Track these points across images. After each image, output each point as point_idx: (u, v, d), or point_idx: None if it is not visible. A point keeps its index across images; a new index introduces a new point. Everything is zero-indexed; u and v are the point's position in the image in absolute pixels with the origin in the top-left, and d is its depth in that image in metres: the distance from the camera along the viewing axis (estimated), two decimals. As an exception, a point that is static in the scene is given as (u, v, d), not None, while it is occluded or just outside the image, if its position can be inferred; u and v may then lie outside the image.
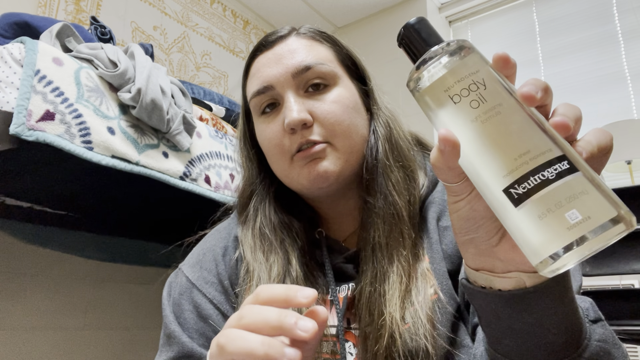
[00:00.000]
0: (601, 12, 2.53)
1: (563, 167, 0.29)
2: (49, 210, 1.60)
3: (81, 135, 1.00)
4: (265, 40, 0.62)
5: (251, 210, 0.64)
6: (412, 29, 0.36)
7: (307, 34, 0.62)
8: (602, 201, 0.28)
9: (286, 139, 0.57)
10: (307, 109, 0.57)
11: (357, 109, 0.60)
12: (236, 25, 2.98)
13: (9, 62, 0.95)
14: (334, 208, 0.63)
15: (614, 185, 2.20)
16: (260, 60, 0.62)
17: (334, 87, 0.59)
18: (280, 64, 0.59)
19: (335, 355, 0.54)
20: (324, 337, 0.54)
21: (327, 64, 0.59)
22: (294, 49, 0.60)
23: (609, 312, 1.39)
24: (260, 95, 0.60)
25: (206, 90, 1.69)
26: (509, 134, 0.30)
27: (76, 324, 1.80)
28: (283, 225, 0.61)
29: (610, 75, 2.42)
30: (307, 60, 0.58)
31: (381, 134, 0.60)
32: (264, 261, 0.58)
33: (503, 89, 0.32)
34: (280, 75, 0.58)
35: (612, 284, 2.02)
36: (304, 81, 0.58)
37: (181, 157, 1.23)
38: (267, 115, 0.60)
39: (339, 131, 0.57)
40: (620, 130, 2.09)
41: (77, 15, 2.09)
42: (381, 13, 3.13)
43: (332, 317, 0.56)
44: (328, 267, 0.59)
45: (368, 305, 0.52)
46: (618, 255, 1.43)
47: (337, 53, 0.63)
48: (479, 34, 2.96)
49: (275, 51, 0.60)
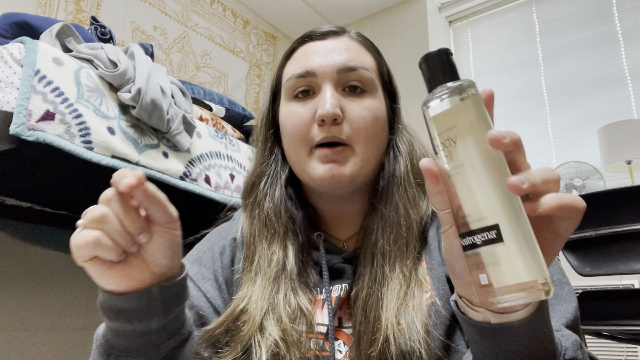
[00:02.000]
0: (601, 12, 2.53)
1: (490, 236, 0.33)
2: (49, 210, 1.60)
3: (81, 135, 1.00)
4: (318, 31, 0.64)
5: (260, 193, 0.64)
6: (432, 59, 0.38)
7: (358, 39, 0.65)
8: (512, 271, 0.32)
9: (313, 128, 0.59)
10: (341, 105, 0.58)
11: (383, 123, 0.63)
12: (236, 25, 2.98)
13: (9, 62, 0.95)
14: (338, 209, 0.65)
15: (614, 185, 2.20)
16: (309, 47, 0.63)
17: (369, 95, 0.61)
18: (328, 57, 0.61)
19: (323, 352, 0.55)
20: (313, 334, 0.55)
21: (370, 72, 0.62)
22: (345, 48, 0.62)
23: (609, 312, 1.39)
24: (299, 78, 0.61)
25: (206, 90, 1.69)
26: (462, 195, 0.35)
27: (76, 324, 1.80)
28: (289, 216, 0.62)
29: (610, 75, 2.42)
30: (355, 62, 0.61)
31: (403, 151, 0.63)
32: (265, 247, 0.60)
33: (474, 148, 0.34)
34: (326, 66, 0.60)
35: (612, 284, 2.02)
36: (345, 80, 0.60)
37: (181, 157, 1.23)
38: (299, 100, 0.61)
39: (362, 137, 0.58)
40: (620, 130, 2.09)
41: (77, 15, 2.09)
42: (381, 13, 3.13)
43: (323, 315, 0.57)
44: (324, 267, 0.60)
45: (364, 308, 0.53)
46: (618, 255, 1.43)
47: (379, 65, 0.65)
48: (479, 34, 2.96)
49: (326, 44, 0.62)
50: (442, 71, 0.37)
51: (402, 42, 2.96)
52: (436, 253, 0.56)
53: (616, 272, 1.44)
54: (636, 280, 1.99)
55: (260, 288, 0.57)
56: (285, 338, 0.53)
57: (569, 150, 2.45)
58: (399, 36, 2.99)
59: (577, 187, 2.21)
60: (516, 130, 0.35)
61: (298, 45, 0.65)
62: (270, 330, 0.53)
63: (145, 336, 0.46)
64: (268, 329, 0.54)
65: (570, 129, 2.49)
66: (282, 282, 0.57)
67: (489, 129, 0.34)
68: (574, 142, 2.46)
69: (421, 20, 2.91)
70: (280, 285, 0.57)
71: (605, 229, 1.41)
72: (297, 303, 0.56)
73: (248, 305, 0.56)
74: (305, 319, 0.55)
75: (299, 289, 0.57)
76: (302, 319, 0.55)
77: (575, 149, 2.44)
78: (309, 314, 0.56)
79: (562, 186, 2.25)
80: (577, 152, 2.42)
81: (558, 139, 2.51)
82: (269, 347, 0.52)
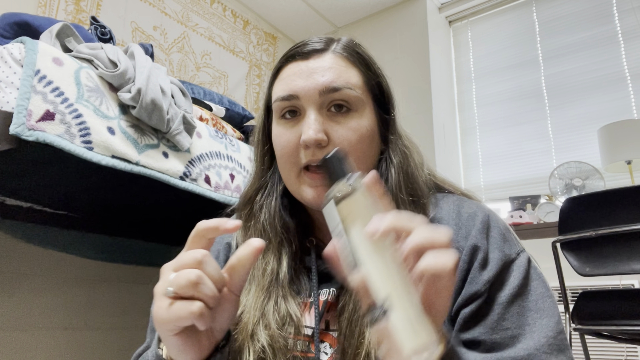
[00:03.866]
0: (601, 12, 2.53)
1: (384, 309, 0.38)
2: (49, 210, 1.60)
3: (81, 135, 1.00)
4: (301, 49, 0.63)
5: (257, 205, 0.66)
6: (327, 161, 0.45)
7: (342, 54, 0.63)
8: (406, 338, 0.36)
9: (300, 152, 0.60)
10: (325, 129, 0.59)
11: (372, 139, 0.62)
12: (236, 25, 2.98)
13: (9, 62, 0.95)
14: None
15: (614, 185, 2.20)
16: (292, 67, 0.63)
17: (355, 113, 0.60)
18: (310, 79, 0.60)
19: (309, 354, 0.57)
20: (298, 337, 0.58)
21: (355, 90, 0.60)
22: (327, 67, 0.61)
23: (609, 312, 1.39)
24: (284, 101, 0.61)
25: (206, 90, 1.69)
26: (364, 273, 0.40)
27: (76, 324, 1.80)
28: (284, 226, 0.64)
29: (610, 75, 2.42)
30: (337, 82, 0.59)
31: (396, 163, 0.62)
32: (260, 258, 0.62)
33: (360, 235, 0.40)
34: (308, 89, 0.59)
35: (612, 284, 2.02)
36: (328, 100, 0.60)
37: (181, 157, 1.23)
38: (287, 121, 0.62)
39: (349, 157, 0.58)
40: (620, 130, 2.09)
41: (77, 15, 2.09)
42: (381, 13, 3.13)
43: (311, 318, 0.59)
44: (314, 272, 0.62)
45: (350, 321, 0.55)
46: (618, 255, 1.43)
47: (367, 79, 0.64)
48: (478, 34, 2.96)
49: (309, 64, 0.61)
50: (335, 171, 0.44)
51: (402, 42, 2.96)
52: None
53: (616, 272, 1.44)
54: (636, 280, 1.99)
55: (253, 297, 0.60)
56: (272, 344, 0.55)
57: (569, 150, 2.45)
58: (399, 36, 2.99)
59: (577, 187, 2.21)
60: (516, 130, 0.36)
61: (282, 65, 0.64)
62: (259, 337, 0.56)
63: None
64: (257, 335, 0.56)
65: (570, 129, 2.49)
66: (274, 290, 0.60)
67: (372, 216, 0.39)
68: (574, 142, 2.46)
69: (421, 20, 2.91)
70: (272, 293, 0.59)
71: (605, 229, 1.41)
72: (287, 309, 0.58)
73: (242, 315, 0.58)
74: (293, 324, 0.57)
75: (289, 295, 0.59)
76: (290, 325, 0.57)
77: (575, 149, 2.44)
78: (297, 319, 0.58)
79: (562, 186, 2.25)
80: (577, 152, 2.42)
81: (558, 139, 2.51)
82: (257, 353, 0.55)
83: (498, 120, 2.72)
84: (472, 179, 2.77)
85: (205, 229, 0.43)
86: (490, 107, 2.77)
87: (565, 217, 1.52)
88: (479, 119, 2.81)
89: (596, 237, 1.43)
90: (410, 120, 2.76)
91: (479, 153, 2.77)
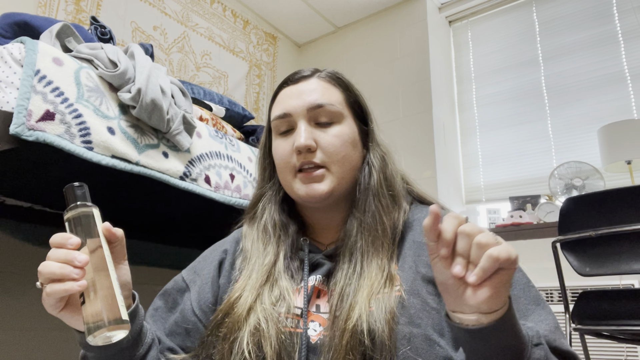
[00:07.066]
0: (601, 12, 2.53)
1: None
2: (49, 210, 1.60)
3: (81, 135, 1.00)
4: (292, 77, 0.79)
5: (259, 209, 0.80)
6: (66, 190, 0.60)
7: (325, 78, 0.78)
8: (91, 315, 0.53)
9: (293, 157, 0.73)
10: (314, 137, 0.72)
11: (354, 144, 0.75)
12: (236, 25, 2.98)
13: (9, 62, 0.95)
14: (323, 218, 0.78)
15: (614, 185, 2.20)
16: (285, 92, 0.78)
17: (337, 124, 0.74)
18: (300, 98, 0.75)
19: (298, 329, 0.66)
20: (290, 315, 0.68)
21: (336, 105, 0.75)
22: (312, 89, 0.75)
23: (609, 312, 1.39)
24: (280, 119, 0.75)
25: (206, 90, 1.69)
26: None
27: (76, 324, 1.80)
28: (282, 225, 0.77)
29: (610, 75, 2.42)
30: (321, 100, 0.74)
31: (376, 166, 0.75)
32: (261, 249, 0.75)
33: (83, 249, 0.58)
34: (298, 107, 0.74)
35: (612, 284, 2.02)
36: (315, 115, 0.74)
37: (181, 157, 1.23)
38: (284, 136, 0.76)
39: (335, 159, 0.72)
40: (620, 130, 2.09)
41: (77, 15, 2.09)
42: (381, 13, 3.13)
43: (300, 300, 0.69)
44: (306, 263, 0.73)
45: (341, 294, 0.65)
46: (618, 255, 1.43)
47: (347, 97, 0.78)
48: (478, 34, 2.96)
49: (298, 87, 0.76)
50: (68, 197, 0.59)
51: (402, 42, 2.96)
52: (409, 259, 0.68)
53: (616, 272, 1.44)
54: (636, 280, 1.99)
55: (253, 280, 0.71)
56: (265, 316, 0.66)
57: (569, 150, 2.46)
58: (399, 36, 2.99)
59: (577, 187, 2.21)
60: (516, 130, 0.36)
61: (278, 91, 0.79)
62: (256, 310, 0.67)
63: (119, 354, 0.64)
64: (254, 309, 0.67)
65: (570, 129, 2.49)
66: (271, 276, 0.71)
67: (87, 238, 0.57)
68: (574, 142, 2.46)
69: (421, 20, 2.91)
70: (269, 278, 0.71)
71: (605, 229, 1.41)
72: (280, 290, 0.69)
73: (242, 293, 0.69)
74: (285, 303, 0.68)
75: (283, 279, 0.70)
76: (282, 303, 0.68)
77: (575, 149, 2.44)
78: (289, 298, 0.68)
79: (562, 186, 2.25)
80: (577, 152, 2.42)
81: (558, 139, 2.51)
82: (252, 325, 0.65)
83: (498, 120, 2.72)
84: (472, 179, 2.77)
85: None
86: (490, 107, 2.77)
87: (565, 217, 1.52)
88: (479, 119, 2.81)
89: (596, 237, 1.43)
90: (410, 120, 2.76)
91: (479, 153, 2.77)
